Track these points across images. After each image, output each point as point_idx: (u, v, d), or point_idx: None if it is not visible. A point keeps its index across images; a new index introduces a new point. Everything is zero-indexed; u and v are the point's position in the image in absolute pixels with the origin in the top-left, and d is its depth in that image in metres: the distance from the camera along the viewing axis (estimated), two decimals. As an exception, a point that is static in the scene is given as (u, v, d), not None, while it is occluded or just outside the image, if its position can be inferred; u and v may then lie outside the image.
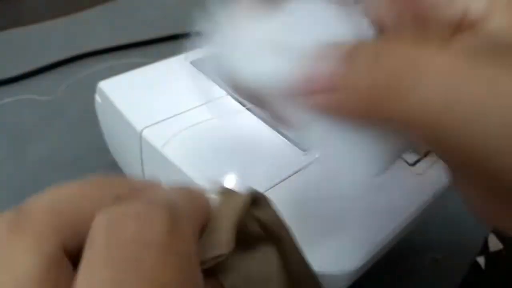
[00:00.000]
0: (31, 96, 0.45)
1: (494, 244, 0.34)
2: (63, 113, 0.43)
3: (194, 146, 0.26)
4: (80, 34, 0.56)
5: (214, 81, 0.26)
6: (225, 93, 0.29)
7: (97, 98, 0.32)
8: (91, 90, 0.32)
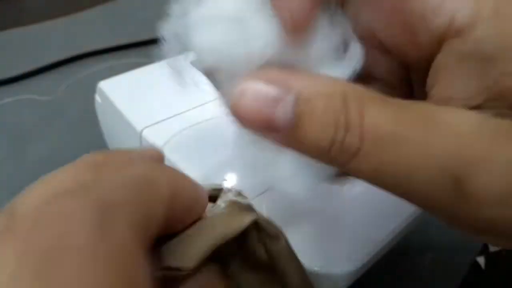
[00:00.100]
0: (31, 96, 0.45)
1: (494, 244, 0.34)
2: (63, 113, 0.43)
3: (194, 146, 0.26)
4: (80, 34, 0.56)
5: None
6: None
7: (97, 98, 0.32)
8: (91, 90, 0.32)
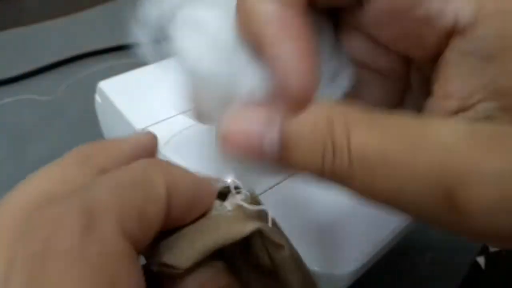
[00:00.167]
0: (31, 96, 0.45)
1: (494, 244, 0.34)
2: (63, 113, 0.43)
3: (194, 146, 0.26)
4: (80, 34, 0.56)
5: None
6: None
7: (97, 98, 0.32)
8: (91, 90, 0.32)
